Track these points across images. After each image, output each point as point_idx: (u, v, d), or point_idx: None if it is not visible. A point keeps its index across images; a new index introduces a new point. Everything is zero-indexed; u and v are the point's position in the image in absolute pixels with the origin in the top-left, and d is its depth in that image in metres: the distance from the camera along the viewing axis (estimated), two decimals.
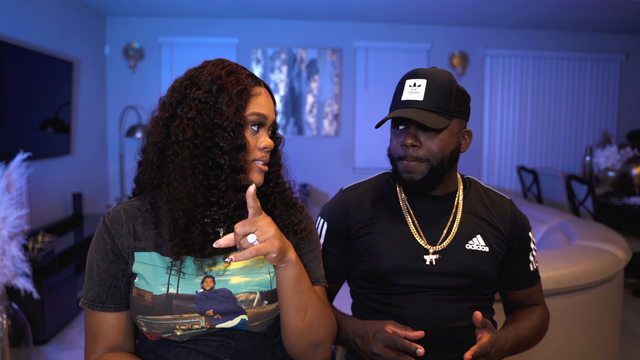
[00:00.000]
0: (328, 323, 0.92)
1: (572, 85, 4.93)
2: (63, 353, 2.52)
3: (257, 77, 0.94)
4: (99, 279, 0.91)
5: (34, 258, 2.50)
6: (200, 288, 0.88)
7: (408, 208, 1.13)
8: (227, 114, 0.86)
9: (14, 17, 3.02)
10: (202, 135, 0.86)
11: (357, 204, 1.16)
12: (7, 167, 2.14)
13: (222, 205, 0.87)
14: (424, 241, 1.09)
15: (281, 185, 0.99)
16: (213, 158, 0.86)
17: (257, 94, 0.91)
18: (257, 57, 4.51)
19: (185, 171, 0.85)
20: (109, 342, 0.91)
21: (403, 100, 1.05)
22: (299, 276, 0.86)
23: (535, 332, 1.10)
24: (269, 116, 0.92)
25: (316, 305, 0.89)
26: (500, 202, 1.16)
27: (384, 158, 4.76)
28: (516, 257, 1.14)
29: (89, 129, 4.10)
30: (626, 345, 2.61)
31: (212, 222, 0.87)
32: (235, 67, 0.92)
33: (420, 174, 1.05)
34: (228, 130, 0.86)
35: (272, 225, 0.81)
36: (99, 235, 0.93)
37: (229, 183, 0.86)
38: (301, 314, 0.87)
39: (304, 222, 1.00)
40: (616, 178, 3.94)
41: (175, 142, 0.86)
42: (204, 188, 0.86)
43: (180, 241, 0.86)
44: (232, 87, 0.88)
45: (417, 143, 1.04)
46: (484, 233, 1.11)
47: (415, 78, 1.05)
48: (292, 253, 0.85)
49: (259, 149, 0.91)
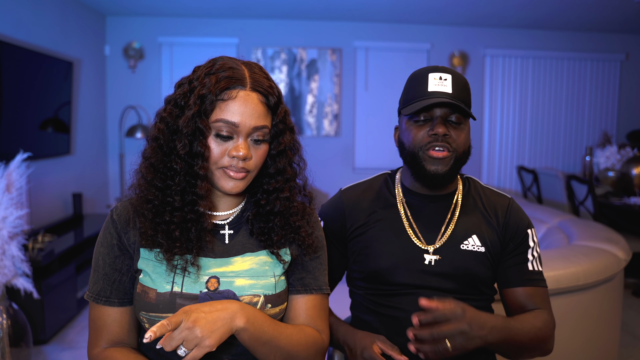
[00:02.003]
0: (308, 350, 0.91)
1: (572, 85, 4.93)
2: (63, 353, 2.52)
3: (240, 77, 0.85)
4: (104, 272, 0.91)
5: (34, 258, 2.50)
6: (205, 288, 0.88)
7: (406, 208, 1.13)
8: (187, 118, 0.83)
9: (14, 17, 3.02)
10: (164, 137, 0.86)
11: (354, 204, 1.16)
12: (7, 167, 2.14)
13: (176, 208, 0.86)
14: (420, 241, 1.09)
15: (284, 202, 0.93)
16: (169, 161, 0.86)
17: (230, 98, 0.84)
18: (257, 57, 4.51)
19: (144, 169, 0.87)
20: (112, 336, 0.91)
21: (431, 92, 1.04)
22: (255, 335, 0.83)
23: (532, 329, 1.01)
24: (241, 123, 0.84)
25: (287, 344, 0.87)
26: (498, 199, 1.15)
27: (384, 158, 4.76)
28: (511, 251, 1.10)
29: (89, 129, 4.10)
30: (626, 345, 2.61)
31: (172, 223, 0.86)
32: (223, 66, 0.86)
33: (446, 165, 1.04)
34: (184, 135, 0.84)
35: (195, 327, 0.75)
36: (106, 229, 0.93)
37: (182, 187, 0.86)
38: (270, 357, 0.86)
39: (310, 232, 0.96)
40: (616, 178, 3.93)
41: (147, 138, 0.89)
42: (156, 189, 0.86)
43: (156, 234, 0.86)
44: (199, 90, 0.83)
45: (448, 133, 1.04)
46: (480, 233, 1.10)
47: (441, 72, 1.06)
48: (238, 321, 0.80)
49: (229, 157, 0.85)
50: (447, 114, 1.04)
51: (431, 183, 1.07)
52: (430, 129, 1.04)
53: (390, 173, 1.23)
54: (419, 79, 1.08)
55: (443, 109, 1.04)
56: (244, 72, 0.86)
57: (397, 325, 1.07)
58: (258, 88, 0.86)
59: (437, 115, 1.04)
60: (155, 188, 0.87)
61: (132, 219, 0.90)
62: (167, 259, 0.86)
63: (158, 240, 0.86)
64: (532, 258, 1.11)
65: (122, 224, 0.91)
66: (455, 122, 1.05)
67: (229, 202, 0.96)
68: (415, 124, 1.07)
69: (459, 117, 1.05)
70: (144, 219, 0.87)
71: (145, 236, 0.87)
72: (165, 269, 0.88)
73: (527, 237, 1.11)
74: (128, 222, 0.91)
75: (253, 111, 0.85)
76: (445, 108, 1.04)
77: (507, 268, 1.10)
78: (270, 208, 0.93)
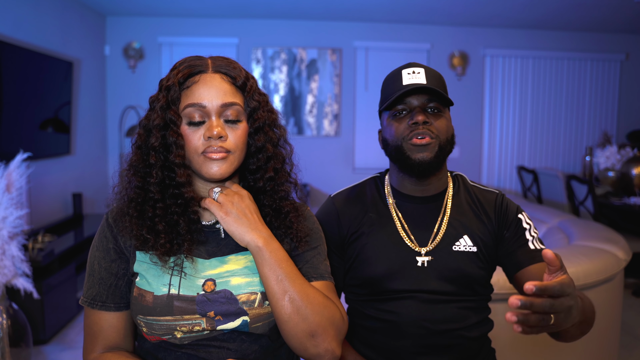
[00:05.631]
0: (320, 311, 0.85)
1: (572, 85, 4.93)
2: (63, 353, 2.52)
3: (200, 64, 0.88)
4: (100, 277, 0.90)
5: (34, 258, 2.50)
6: (202, 290, 0.87)
7: (397, 211, 1.13)
8: (157, 111, 0.86)
9: (14, 17, 3.02)
10: (142, 139, 0.89)
11: (345, 210, 1.15)
12: (7, 167, 2.14)
13: (157, 200, 0.87)
14: (413, 244, 1.09)
15: (268, 181, 0.94)
16: (147, 158, 0.88)
17: (194, 82, 0.86)
18: (257, 57, 4.51)
19: (125, 171, 0.91)
20: (108, 341, 0.90)
21: (406, 84, 1.06)
22: (269, 262, 0.85)
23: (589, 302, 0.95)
24: (208, 103, 0.85)
25: (300, 291, 0.85)
26: (487, 195, 1.15)
27: (384, 158, 4.74)
28: (509, 239, 1.10)
29: (89, 129, 4.10)
30: (626, 345, 2.61)
31: (155, 216, 0.87)
32: (185, 60, 0.89)
33: (431, 152, 1.05)
34: (156, 128, 0.86)
35: (241, 202, 0.88)
36: (101, 233, 0.92)
37: (160, 179, 0.87)
38: (282, 300, 0.84)
39: (301, 227, 0.95)
40: (616, 178, 3.93)
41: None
42: (138, 188, 0.88)
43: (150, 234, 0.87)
44: (165, 83, 0.87)
45: (428, 120, 1.05)
46: (471, 232, 1.10)
47: (413, 67, 1.09)
48: (259, 240, 0.86)
49: (205, 139, 0.86)
50: (424, 104, 1.06)
51: (419, 172, 1.07)
52: (409, 119, 1.06)
53: (378, 176, 1.22)
54: (394, 77, 1.11)
55: (420, 99, 1.06)
56: (206, 60, 0.90)
57: (394, 330, 1.07)
58: (220, 70, 0.88)
59: (415, 105, 1.06)
60: (137, 187, 0.88)
61: (122, 221, 0.91)
62: (160, 259, 0.87)
63: (144, 236, 0.87)
64: (532, 238, 1.10)
65: (118, 227, 0.91)
66: (434, 110, 1.07)
67: None
68: (395, 119, 1.08)
69: (437, 105, 1.07)
70: (129, 217, 0.88)
71: (137, 237, 0.88)
72: (162, 271, 0.88)
73: (520, 221, 1.11)
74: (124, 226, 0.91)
75: (218, 90, 0.87)
76: (422, 96, 1.06)
77: (510, 253, 1.09)
78: (257, 186, 0.94)
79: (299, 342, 0.85)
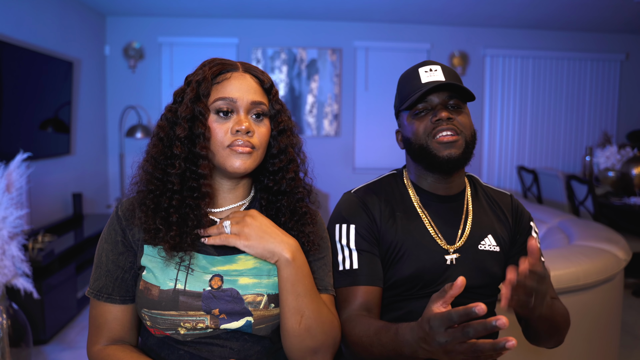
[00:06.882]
0: (328, 330, 0.89)
1: (572, 85, 4.93)
2: (63, 353, 2.52)
3: (231, 63, 0.92)
4: (107, 269, 0.91)
5: (34, 258, 2.50)
6: (208, 286, 0.87)
7: (422, 209, 1.11)
8: (186, 103, 0.88)
9: (14, 17, 3.02)
10: (164, 131, 0.90)
11: (369, 200, 1.11)
12: (7, 167, 2.14)
13: (175, 191, 0.88)
14: (443, 242, 1.07)
15: (289, 182, 0.95)
16: (170, 148, 0.89)
17: (225, 79, 0.90)
18: (257, 57, 4.51)
19: (145, 162, 0.91)
20: (112, 334, 0.91)
21: (425, 82, 1.06)
22: (294, 278, 0.86)
23: (565, 311, 1.03)
24: (239, 98, 0.88)
25: (315, 310, 0.87)
26: (501, 197, 1.17)
27: (384, 158, 4.76)
28: (520, 244, 1.12)
29: (89, 129, 4.10)
30: (626, 345, 2.61)
31: (171, 207, 0.87)
32: (214, 59, 0.92)
33: (459, 149, 1.03)
34: (183, 119, 0.88)
35: (255, 221, 0.87)
36: (110, 225, 0.93)
37: (182, 171, 0.88)
38: (297, 316, 0.86)
39: (315, 231, 0.96)
40: (616, 178, 3.93)
41: (150, 137, 0.94)
42: (157, 180, 0.88)
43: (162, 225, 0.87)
44: (195, 78, 0.90)
45: (452, 116, 1.04)
46: (494, 232, 1.10)
47: (430, 65, 1.08)
48: (288, 253, 0.86)
49: (232, 134, 0.88)
50: (445, 101, 1.05)
51: (447, 169, 1.05)
52: (432, 116, 1.04)
53: (396, 173, 1.20)
54: (411, 75, 1.10)
55: (441, 96, 1.05)
56: (235, 62, 0.94)
57: None
58: (250, 71, 0.93)
59: (436, 102, 1.05)
60: (156, 179, 0.88)
61: (134, 213, 0.91)
62: (168, 252, 0.87)
63: (157, 226, 0.87)
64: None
65: (127, 220, 0.91)
66: (454, 106, 1.06)
67: (233, 198, 0.96)
68: (417, 117, 1.07)
69: (457, 101, 1.06)
70: (145, 208, 0.88)
71: (148, 229, 0.88)
72: (169, 266, 0.88)
73: (531, 229, 1.14)
74: (133, 219, 0.91)
75: (249, 87, 0.90)
76: (443, 93, 1.05)
77: (513, 256, 1.11)
78: (277, 188, 0.95)
79: (300, 356, 0.88)
